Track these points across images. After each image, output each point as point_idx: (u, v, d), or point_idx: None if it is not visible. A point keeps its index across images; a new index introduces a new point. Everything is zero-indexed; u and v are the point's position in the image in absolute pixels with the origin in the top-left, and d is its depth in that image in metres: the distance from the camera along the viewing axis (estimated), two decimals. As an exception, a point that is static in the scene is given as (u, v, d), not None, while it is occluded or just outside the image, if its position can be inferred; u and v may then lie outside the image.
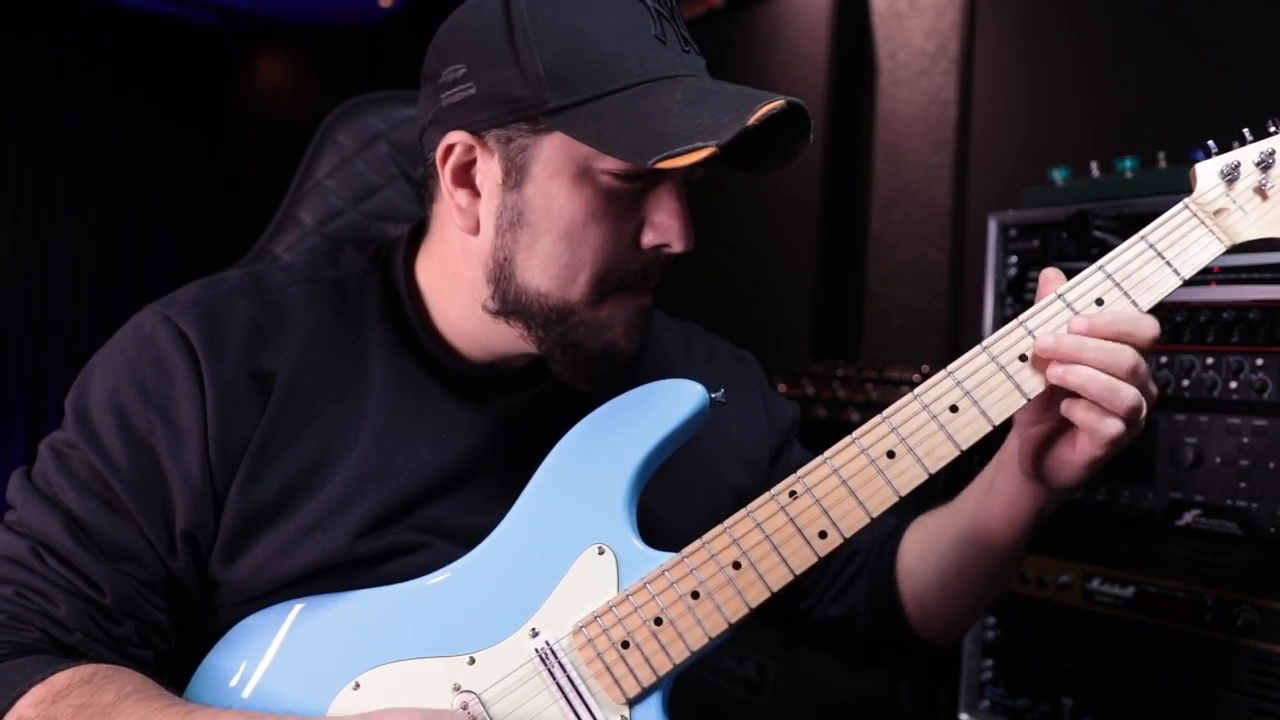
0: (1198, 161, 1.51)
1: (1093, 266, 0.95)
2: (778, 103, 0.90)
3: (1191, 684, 1.41)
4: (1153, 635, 1.46)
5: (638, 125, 0.91)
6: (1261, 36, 1.99)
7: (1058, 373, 0.92)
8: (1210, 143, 0.96)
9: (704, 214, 1.31)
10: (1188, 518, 1.44)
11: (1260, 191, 0.93)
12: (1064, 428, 0.98)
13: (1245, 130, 0.96)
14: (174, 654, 1.03)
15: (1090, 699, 1.54)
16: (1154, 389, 0.96)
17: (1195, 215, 0.94)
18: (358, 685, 0.94)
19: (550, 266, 0.99)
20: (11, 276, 5.30)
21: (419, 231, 1.13)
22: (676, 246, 0.99)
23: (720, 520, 0.96)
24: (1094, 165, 1.69)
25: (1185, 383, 1.46)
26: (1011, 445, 1.05)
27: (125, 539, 0.97)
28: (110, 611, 0.96)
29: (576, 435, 0.99)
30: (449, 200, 1.04)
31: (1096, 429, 0.92)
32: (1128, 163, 1.63)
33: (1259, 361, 1.38)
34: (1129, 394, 0.91)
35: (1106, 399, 0.91)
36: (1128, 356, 0.91)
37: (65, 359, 5.47)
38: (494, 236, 1.02)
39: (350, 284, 1.11)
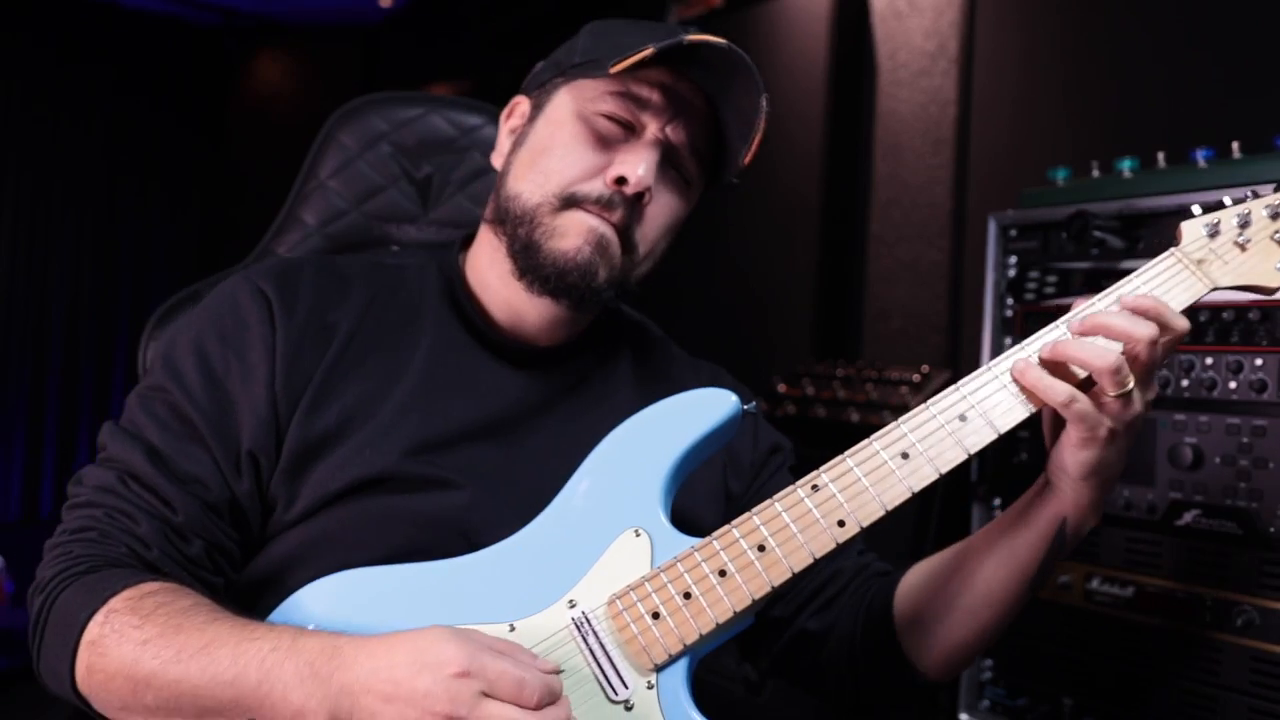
0: (1196, 162, 1.52)
1: (1096, 298, 1.06)
2: (719, 40, 1.12)
3: (1191, 684, 1.42)
4: (1153, 635, 1.47)
5: (613, 57, 1.13)
6: (1261, 37, 1.99)
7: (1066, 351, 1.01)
8: (1195, 208, 1.13)
9: (705, 214, 1.31)
10: (1188, 518, 1.44)
11: (1240, 245, 1.09)
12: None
13: (1225, 199, 1.12)
14: (234, 587, 1.14)
15: (1090, 699, 1.55)
16: (1152, 393, 1.05)
17: (1181, 261, 1.09)
18: None
19: (530, 174, 1.19)
20: (11, 277, 5.30)
21: (471, 237, 1.30)
22: (630, 178, 1.15)
23: (718, 520, 1.06)
24: (1094, 165, 1.70)
25: (1185, 383, 1.46)
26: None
27: (197, 466, 1.10)
28: (181, 530, 1.08)
29: (623, 430, 1.11)
30: (498, 149, 1.27)
31: (1085, 417, 1.01)
32: (1128, 163, 1.64)
33: (1259, 361, 1.39)
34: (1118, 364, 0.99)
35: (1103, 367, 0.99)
36: (1147, 329, 1.00)
37: (65, 360, 5.47)
38: (504, 162, 1.25)
39: (409, 270, 1.28)
